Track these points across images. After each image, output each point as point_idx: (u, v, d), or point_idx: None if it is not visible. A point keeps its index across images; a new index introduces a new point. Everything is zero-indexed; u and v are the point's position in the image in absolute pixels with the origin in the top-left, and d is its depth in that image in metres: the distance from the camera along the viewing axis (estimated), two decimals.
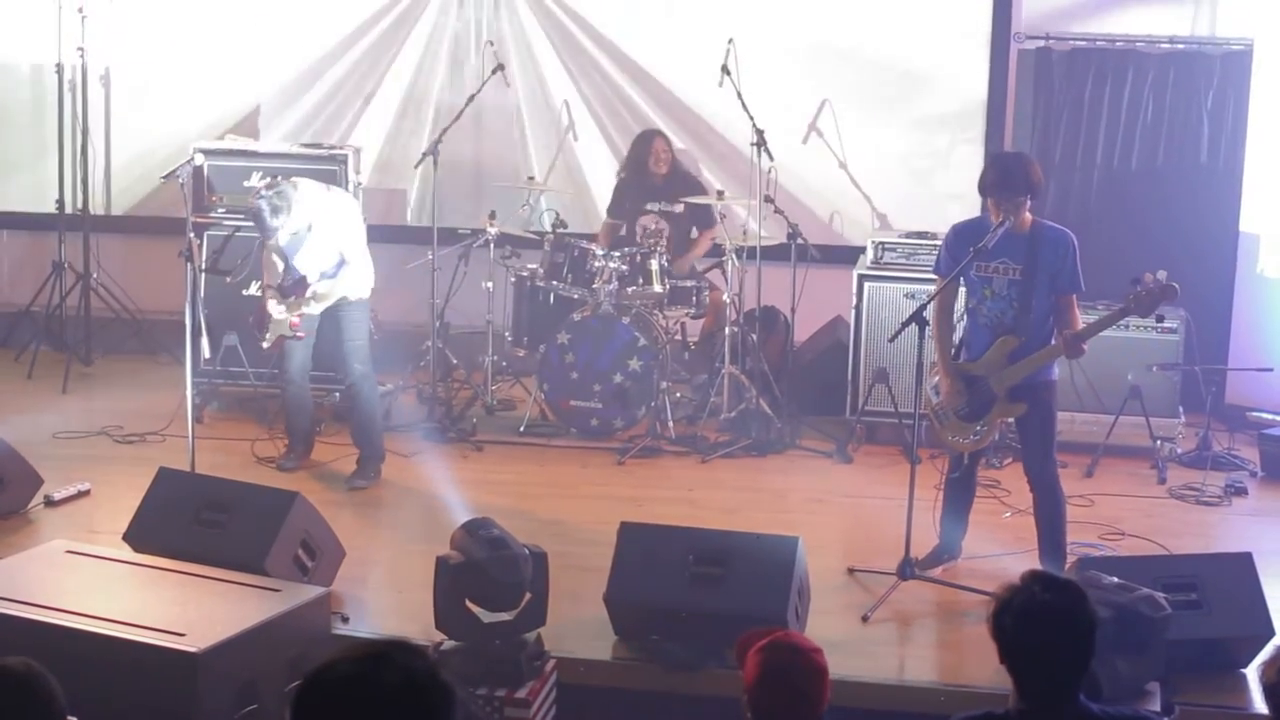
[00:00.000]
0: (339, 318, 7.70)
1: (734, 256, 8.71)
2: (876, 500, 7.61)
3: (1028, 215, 6.41)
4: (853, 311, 8.78)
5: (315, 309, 7.61)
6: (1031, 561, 6.37)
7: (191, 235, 7.32)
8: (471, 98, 9.22)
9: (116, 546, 6.25)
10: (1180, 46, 9.57)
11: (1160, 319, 6.72)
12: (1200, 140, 9.56)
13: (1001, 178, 6.35)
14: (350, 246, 7.59)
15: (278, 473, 7.86)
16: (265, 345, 7.82)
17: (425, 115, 10.26)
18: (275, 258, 7.62)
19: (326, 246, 7.53)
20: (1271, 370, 8.79)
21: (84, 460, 8.02)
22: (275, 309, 7.58)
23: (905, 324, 6.28)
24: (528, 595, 5.56)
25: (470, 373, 9.34)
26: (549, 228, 8.98)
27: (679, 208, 9.23)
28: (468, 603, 5.51)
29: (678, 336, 9.21)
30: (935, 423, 6.68)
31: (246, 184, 8.97)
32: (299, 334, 7.60)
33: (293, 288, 7.57)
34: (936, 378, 6.64)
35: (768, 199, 8.70)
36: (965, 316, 6.68)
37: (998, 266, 6.41)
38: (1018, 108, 9.85)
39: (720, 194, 8.85)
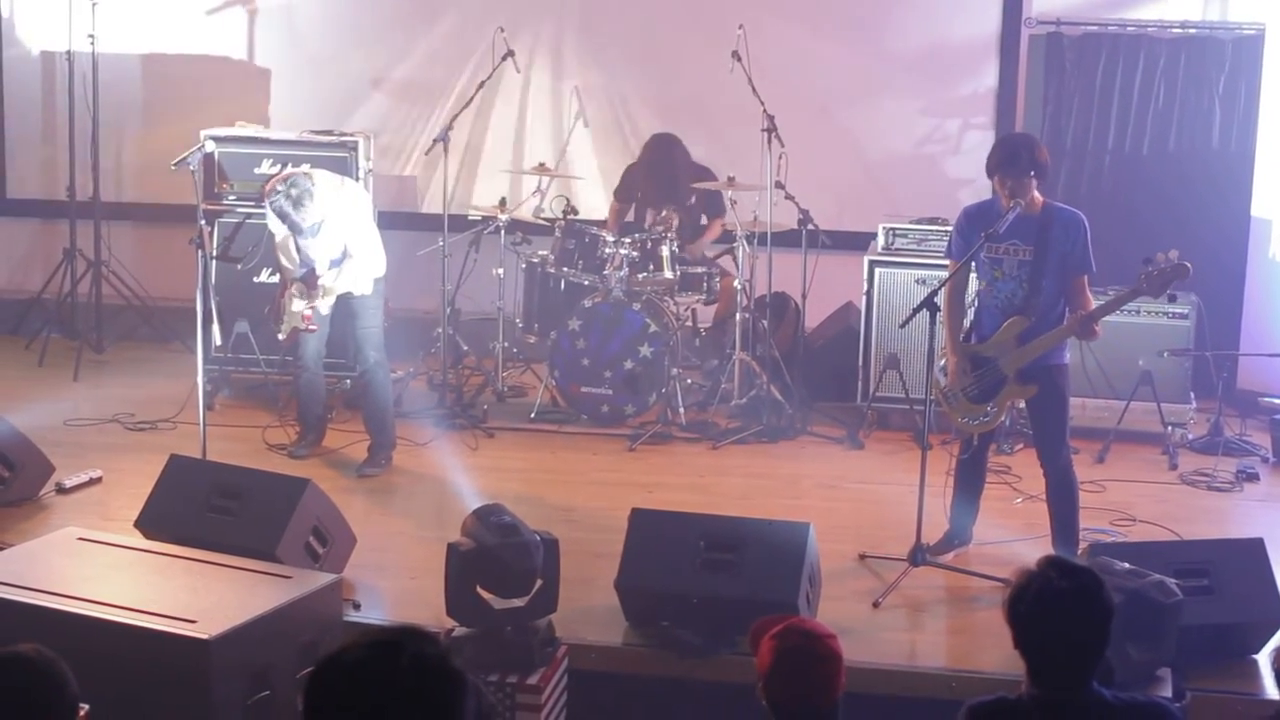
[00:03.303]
0: (353, 305, 7.71)
1: (745, 243, 8.70)
2: (888, 486, 7.59)
3: (1038, 196, 6.41)
4: (864, 297, 8.77)
5: (324, 305, 7.61)
6: (1043, 547, 6.37)
7: (203, 222, 7.32)
8: (483, 84, 9.20)
9: (128, 533, 6.26)
10: (1192, 31, 9.55)
11: (1173, 298, 6.72)
12: (1212, 125, 9.54)
13: (1008, 156, 6.36)
14: (355, 239, 7.58)
15: (289, 460, 7.88)
16: (281, 337, 7.84)
17: (436, 101, 10.24)
18: (290, 252, 7.61)
19: (334, 238, 7.53)
20: None
21: (96, 447, 8.03)
22: (299, 304, 7.57)
23: (917, 310, 6.27)
24: (539, 582, 5.55)
25: (481, 359, 9.34)
26: (559, 214, 8.97)
27: (691, 198, 9.22)
28: (479, 589, 5.51)
29: (689, 323, 9.21)
30: (944, 404, 6.68)
31: (257, 171, 9.00)
32: (311, 327, 7.62)
33: (303, 279, 7.58)
34: (944, 359, 6.64)
35: (778, 185, 8.69)
36: (975, 299, 6.68)
37: (1008, 248, 6.40)
38: (1029, 93, 9.84)
39: (731, 180, 8.84)
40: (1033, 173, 6.34)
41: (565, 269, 8.77)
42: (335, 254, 7.58)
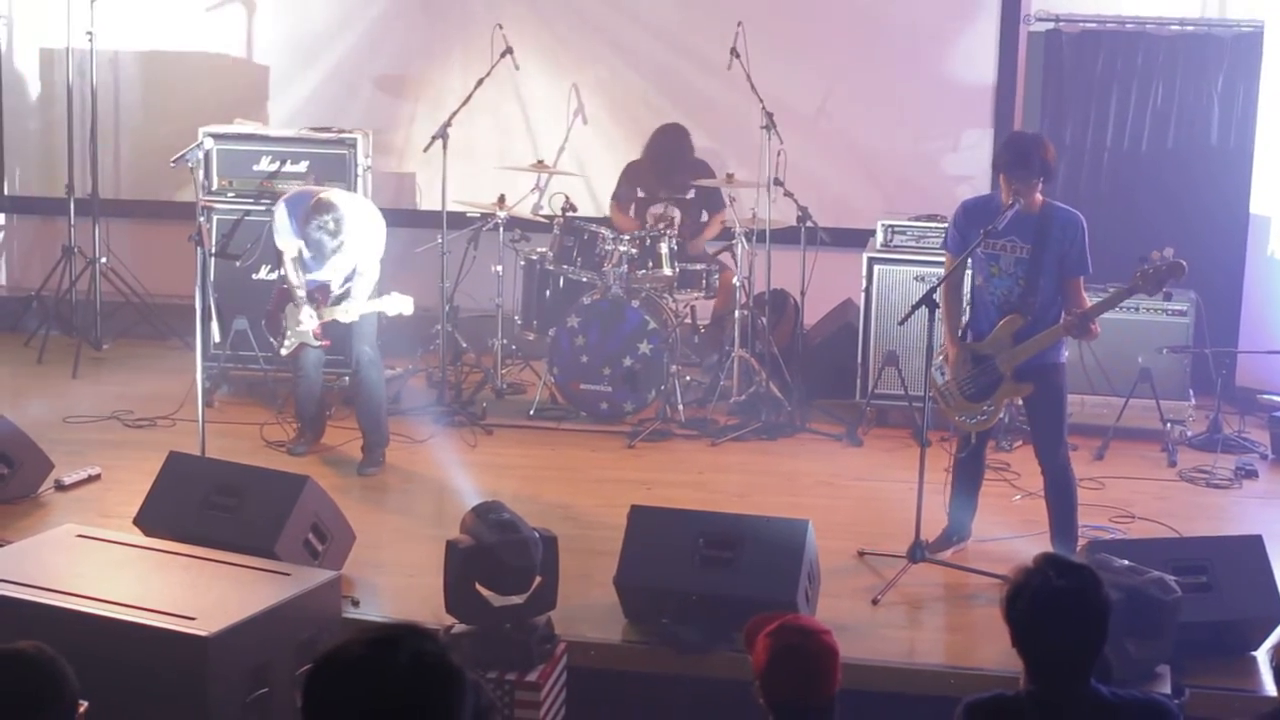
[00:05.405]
0: None
1: (744, 239, 8.70)
2: (886, 483, 7.59)
3: (1038, 196, 6.40)
4: (862, 294, 8.77)
5: (346, 318, 7.57)
6: (1042, 544, 6.36)
7: (201, 219, 7.32)
8: (481, 81, 9.18)
9: (127, 530, 6.26)
10: (1190, 28, 9.55)
11: (1168, 297, 6.72)
12: (1210, 122, 9.54)
13: (1017, 158, 6.33)
14: (365, 259, 7.58)
15: (288, 457, 7.88)
16: (284, 352, 7.83)
17: (434, 98, 10.23)
18: (298, 269, 7.62)
19: (349, 256, 7.53)
20: None
21: (94, 444, 8.03)
22: (308, 322, 7.57)
23: (915, 307, 6.27)
24: (538, 579, 5.56)
25: (480, 356, 9.34)
26: (558, 211, 8.97)
27: (690, 193, 9.22)
28: (478, 586, 5.51)
29: (687, 320, 9.20)
30: (941, 402, 6.67)
31: (256, 168, 9.02)
32: (324, 341, 7.63)
33: (314, 293, 7.60)
34: (941, 358, 6.63)
35: (777, 182, 8.68)
36: (971, 296, 6.67)
37: (1005, 244, 6.39)
38: (1027, 90, 9.84)
39: (730, 177, 8.84)
40: (1041, 174, 6.33)
41: (564, 266, 8.77)
42: (347, 269, 7.60)
